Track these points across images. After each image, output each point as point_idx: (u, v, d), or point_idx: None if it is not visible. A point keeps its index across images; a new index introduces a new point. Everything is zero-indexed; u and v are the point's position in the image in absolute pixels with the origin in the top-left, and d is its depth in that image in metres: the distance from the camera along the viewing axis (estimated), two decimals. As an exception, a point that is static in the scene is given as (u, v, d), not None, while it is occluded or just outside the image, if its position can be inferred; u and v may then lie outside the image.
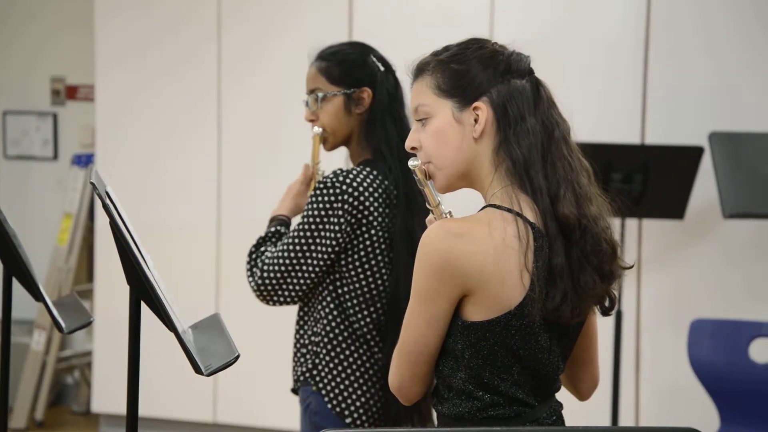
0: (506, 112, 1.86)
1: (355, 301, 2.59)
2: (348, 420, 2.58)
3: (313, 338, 2.62)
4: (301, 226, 2.58)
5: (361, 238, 2.58)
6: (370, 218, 2.57)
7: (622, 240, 3.94)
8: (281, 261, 2.58)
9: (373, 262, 2.59)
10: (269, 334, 4.86)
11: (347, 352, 2.60)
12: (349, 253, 2.58)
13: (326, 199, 2.55)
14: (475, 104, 1.87)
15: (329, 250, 2.55)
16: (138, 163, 5.08)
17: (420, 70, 1.93)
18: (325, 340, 2.60)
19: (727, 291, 4.42)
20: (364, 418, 2.60)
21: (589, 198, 1.87)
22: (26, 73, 6.02)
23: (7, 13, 6.02)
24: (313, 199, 2.57)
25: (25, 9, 5.99)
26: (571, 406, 2.05)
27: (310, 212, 2.57)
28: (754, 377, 3.75)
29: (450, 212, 1.94)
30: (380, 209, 2.58)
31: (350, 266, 2.59)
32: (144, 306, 1.90)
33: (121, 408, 1.92)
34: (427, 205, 1.94)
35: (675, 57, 4.45)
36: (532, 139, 1.85)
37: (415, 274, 1.81)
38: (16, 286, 2.45)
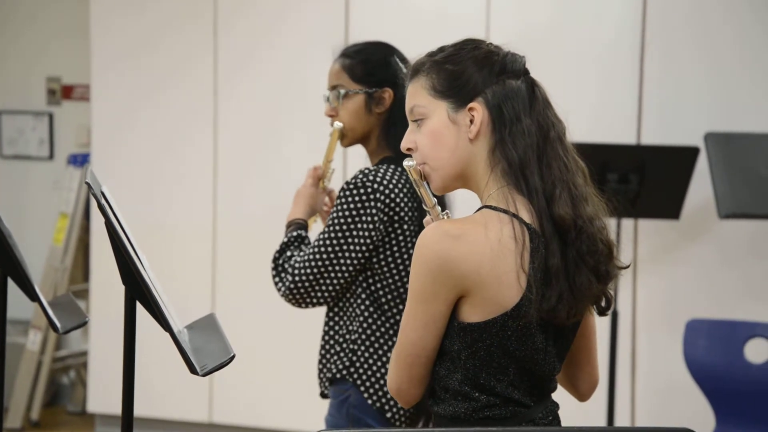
0: (501, 112, 1.86)
1: (390, 296, 2.61)
2: (388, 414, 2.59)
3: (348, 336, 2.64)
4: (332, 228, 2.59)
5: (393, 235, 2.60)
6: (401, 214, 2.59)
7: (618, 240, 3.94)
8: (313, 263, 2.59)
9: (405, 257, 2.61)
10: (265, 334, 4.87)
11: (385, 348, 2.62)
12: (381, 250, 2.60)
13: (357, 199, 2.57)
14: (471, 105, 1.87)
15: (363, 249, 2.58)
16: (134, 163, 5.08)
17: (415, 71, 1.93)
18: (363, 336, 2.62)
19: (723, 291, 4.42)
20: (402, 411, 2.61)
21: (585, 198, 1.86)
22: (22, 73, 6.01)
23: (5, 13, 6.01)
24: (343, 200, 2.58)
25: (22, 10, 5.98)
26: (567, 407, 2.05)
27: (341, 213, 2.58)
28: (749, 377, 3.75)
29: (447, 213, 1.94)
30: (410, 204, 2.61)
31: (383, 263, 2.61)
32: (139, 306, 1.90)
33: (116, 408, 1.93)
34: (424, 206, 1.94)
35: (671, 57, 4.45)
36: (527, 140, 1.85)
37: (411, 275, 1.81)
38: (12, 286, 2.45)
